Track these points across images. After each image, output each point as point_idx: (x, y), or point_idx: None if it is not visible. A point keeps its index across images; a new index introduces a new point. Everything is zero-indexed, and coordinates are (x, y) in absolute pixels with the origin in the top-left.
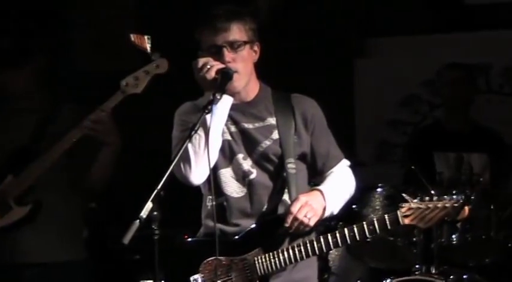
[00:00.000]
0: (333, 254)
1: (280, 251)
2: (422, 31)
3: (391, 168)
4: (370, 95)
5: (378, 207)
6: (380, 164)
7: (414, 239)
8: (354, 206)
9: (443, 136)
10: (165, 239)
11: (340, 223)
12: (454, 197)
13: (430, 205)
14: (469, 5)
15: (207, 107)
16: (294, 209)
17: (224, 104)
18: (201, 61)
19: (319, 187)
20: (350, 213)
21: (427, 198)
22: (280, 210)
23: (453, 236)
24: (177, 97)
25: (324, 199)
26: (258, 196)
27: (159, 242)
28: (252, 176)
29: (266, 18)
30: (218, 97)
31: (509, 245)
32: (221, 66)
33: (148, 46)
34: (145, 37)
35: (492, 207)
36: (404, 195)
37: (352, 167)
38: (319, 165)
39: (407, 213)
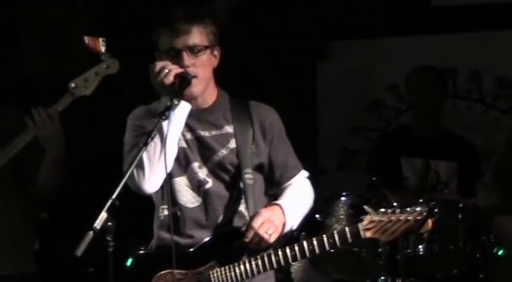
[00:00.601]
0: (296, 265)
1: (236, 264)
2: (387, 34)
3: (355, 176)
4: (333, 100)
5: (342, 217)
6: (343, 171)
7: (379, 250)
8: (317, 216)
9: (411, 142)
10: (120, 251)
11: (303, 233)
12: (418, 209)
13: (393, 218)
14: (436, 7)
15: (164, 113)
16: (256, 224)
17: (182, 111)
18: (159, 65)
19: (279, 202)
20: (313, 223)
21: (389, 210)
22: (236, 221)
23: (420, 247)
24: (131, 101)
25: (284, 215)
26: (213, 206)
27: (114, 254)
28: (208, 186)
29: (225, 19)
30: (176, 102)
31: (478, 255)
32: (180, 70)
33: (103, 48)
34: (100, 39)
35: (460, 217)
36: (366, 207)
37: (312, 177)
38: (277, 176)
39: (369, 226)
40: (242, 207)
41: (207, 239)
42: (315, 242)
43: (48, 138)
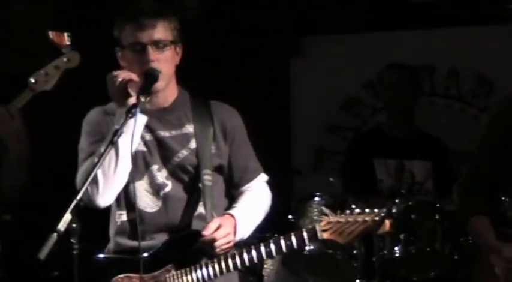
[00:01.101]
0: (268, 268)
1: (193, 267)
2: (363, 29)
3: (330, 176)
4: (307, 98)
5: (315, 218)
6: (317, 171)
7: (354, 252)
8: (290, 217)
9: (384, 142)
10: (86, 254)
11: (276, 235)
12: (376, 210)
13: (350, 219)
14: (413, 2)
15: (131, 111)
16: (207, 232)
17: (138, 124)
18: (109, 75)
19: (232, 212)
20: (286, 225)
21: (347, 211)
22: (196, 224)
23: (396, 249)
24: (97, 99)
25: (236, 225)
26: (173, 210)
27: (79, 258)
28: (167, 189)
29: (195, 14)
30: (143, 100)
31: (455, 257)
32: (132, 76)
33: (68, 44)
34: (65, 34)
35: (437, 217)
36: (323, 208)
37: (285, 178)
38: (236, 178)
39: (326, 227)
40: (202, 209)
41: (163, 243)
42: (271, 244)
43: (10, 136)
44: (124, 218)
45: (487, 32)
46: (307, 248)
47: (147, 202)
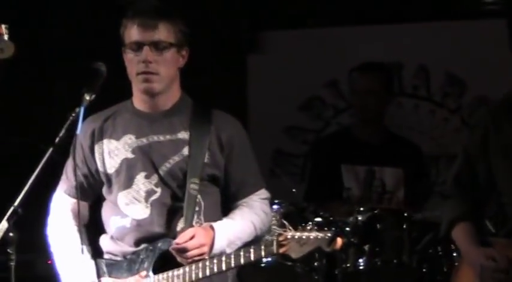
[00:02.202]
0: None
1: (170, 273)
2: (326, 23)
3: (289, 182)
4: (264, 97)
5: (274, 227)
6: (275, 176)
7: (316, 264)
8: (262, 243)
9: (352, 147)
10: (24, 266)
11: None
12: (331, 228)
13: (304, 236)
14: None
15: (74, 110)
16: (179, 240)
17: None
18: None
19: (214, 223)
20: None
21: (308, 227)
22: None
23: (360, 261)
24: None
25: (213, 239)
26: (161, 218)
27: (16, 269)
28: (156, 196)
29: None
30: (87, 98)
31: (424, 270)
32: None
33: (6, 36)
34: (3, 26)
35: (404, 227)
36: (285, 222)
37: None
38: (232, 191)
39: (284, 242)
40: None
41: (141, 248)
42: (232, 256)
43: None
44: (117, 224)
45: (458, 27)
46: (264, 260)
47: (136, 210)
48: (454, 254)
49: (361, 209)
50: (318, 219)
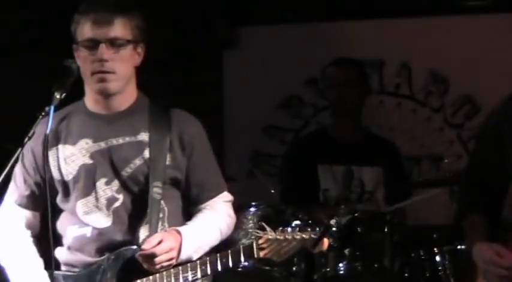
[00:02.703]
0: None
1: None
2: (304, 19)
3: (268, 183)
4: (241, 96)
5: (251, 230)
6: (253, 178)
7: (294, 269)
8: (241, 246)
9: (330, 146)
10: None
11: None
12: (316, 228)
13: (289, 237)
14: None
15: (44, 109)
16: (147, 246)
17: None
18: None
19: (180, 228)
20: None
21: (286, 228)
22: (143, 239)
23: (340, 265)
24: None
25: (181, 243)
26: (124, 226)
27: None
28: (117, 204)
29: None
30: (58, 96)
31: (406, 275)
32: None
33: None
34: None
35: (386, 230)
36: (263, 224)
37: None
38: (194, 195)
39: (264, 245)
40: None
41: (103, 258)
42: (208, 262)
43: None
44: (75, 233)
45: (441, 23)
46: (241, 264)
47: (97, 218)
48: (437, 258)
49: (341, 211)
50: (297, 221)
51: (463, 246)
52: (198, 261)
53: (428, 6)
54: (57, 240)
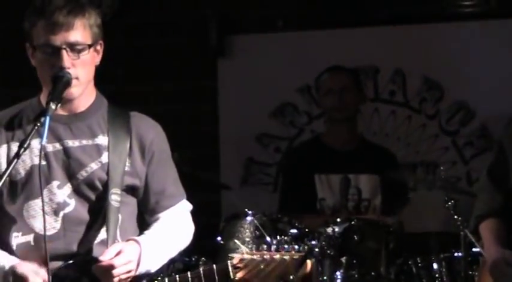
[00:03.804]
0: None
1: None
2: (298, 27)
3: (262, 192)
4: (235, 104)
5: (247, 240)
6: (248, 186)
7: (291, 277)
8: (218, 238)
9: (325, 155)
10: None
11: (203, 259)
12: (296, 247)
13: (266, 256)
14: None
15: (39, 119)
16: (105, 257)
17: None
18: None
19: (139, 238)
20: (214, 247)
21: (265, 246)
22: (96, 250)
23: (337, 273)
24: None
25: (140, 255)
26: (73, 234)
27: None
28: (68, 209)
29: (109, 9)
30: (53, 107)
31: None
32: None
33: None
34: None
35: (383, 238)
36: (237, 241)
37: (198, 197)
38: (152, 203)
39: (240, 264)
40: (104, 234)
41: (56, 270)
42: (177, 280)
43: None
44: (19, 240)
45: (436, 30)
46: None
47: (42, 223)
48: (434, 266)
49: (338, 219)
50: (294, 230)
51: (459, 254)
52: (166, 279)
53: (423, 13)
54: (4, 248)
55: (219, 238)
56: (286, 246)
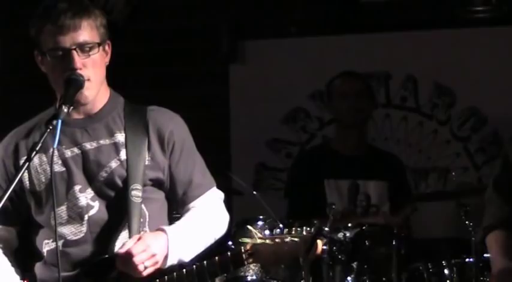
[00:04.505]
0: None
1: None
2: (310, 32)
3: (273, 197)
4: (247, 109)
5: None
6: (259, 192)
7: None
8: (229, 243)
9: (335, 160)
10: None
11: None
12: (306, 229)
13: (278, 240)
14: (365, 3)
15: (51, 122)
16: (135, 250)
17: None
18: None
19: (167, 228)
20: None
21: (277, 231)
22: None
23: (348, 279)
24: None
25: (168, 246)
26: (100, 236)
27: None
28: (93, 212)
29: (121, 15)
30: (65, 110)
31: None
32: None
33: None
34: None
35: (393, 243)
36: (249, 227)
37: (226, 198)
38: (180, 195)
39: (252, 250)
40: (127, 232)
41: (77, 272)
42: (194, 271)
43: None
44: (49, 247)
45: (448, 36)
46: (249, 278)
47: (70, 229)
48: (446, 271)
49: (349, 225)
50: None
51: (471, 259)
52: (184, 270)
53: (434, 18)
54: (37, 256)
55: (230, 243)
56: (296, 229)
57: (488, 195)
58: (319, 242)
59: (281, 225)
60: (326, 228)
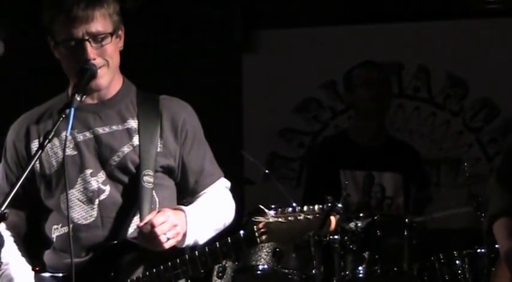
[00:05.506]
0: None
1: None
2: (322, 22)
3: (285, 187)
4: (260, 99)
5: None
6: (271, 181)
7: (313, 272)
8: (241, 232)
9: (351, 151)
10: None
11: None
12: (318, 206)
13: (291, 218)
14: None
15: (64, 111)
16: (157, 221)
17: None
18: None
19: (184, 207)
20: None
21: (289, 209)
22: (133, 233)
23: (359, 269)
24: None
25: (186, 223)
26: (111, 219)
27: None
28: (104, 196)
29: (133, 4)
30: (78, 98)
31: (425, 278)
32: None
33: None
34: None
35: (405, 234)
36: (261, 206)
37: (236, 187)
38: (191, 183)
39: (265, 229)
40: (138, 216)
41: (88, 258)
42: (207, 253)
43: None
44: (58, 232)
45: (460, 27)
46: (260, 267)
47: (80, 213)
48: (457, 262)
49: (361, 215)
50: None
51: (482, 250)
52: (196, 253)
53: (447, 9)
54: (46, 243)
55: (242, 232)
56: (308, 207)
57: (491, 187)
58: (333, 218)
59: (294, 204)
60: (339, 205)
